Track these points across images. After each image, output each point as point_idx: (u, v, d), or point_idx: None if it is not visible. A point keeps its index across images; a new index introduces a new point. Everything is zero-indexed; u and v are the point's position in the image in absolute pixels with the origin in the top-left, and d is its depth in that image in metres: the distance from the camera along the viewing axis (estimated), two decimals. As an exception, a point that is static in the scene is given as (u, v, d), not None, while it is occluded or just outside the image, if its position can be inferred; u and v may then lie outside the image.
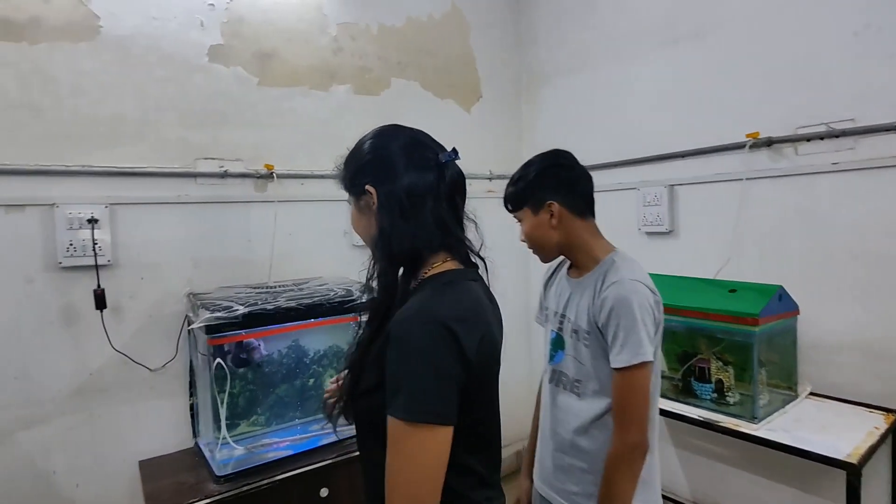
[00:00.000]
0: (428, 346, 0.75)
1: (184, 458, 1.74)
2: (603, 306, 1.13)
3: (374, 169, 0.88)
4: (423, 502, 0.74)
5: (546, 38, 2.67)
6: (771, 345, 1.63)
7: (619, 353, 1.10)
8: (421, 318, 0.77)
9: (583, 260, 1.25)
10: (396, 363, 0.76)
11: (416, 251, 0.86)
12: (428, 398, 0.74)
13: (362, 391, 0.84)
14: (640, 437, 1.10)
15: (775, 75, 1.82)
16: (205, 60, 1.85)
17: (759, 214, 1.88)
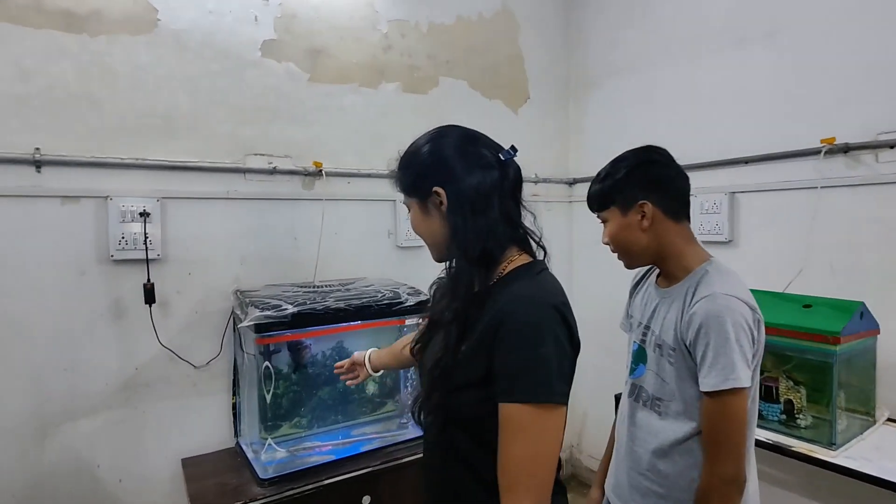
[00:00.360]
0: (550, 328, 0.79)
1: (225, 457, 1.71)
2: (691, 322, 1.03)
3: (440, 170, 0.89)
4: (547, 485, 0.78)
5: (597, 38, 2.59)
6: (850, 366, 1.51)
7: (707, 376, 1.00)
8: (537, 302, 0.81)
9: (673, 268, 1.15)
10: (521, 348, 0.78)
11: (491, 247, 0.87)
12: (554, 379, 0.78)
13: (457, 387, 0.84)
14: (735, 471, 0.99)
15: (854, 78, 1.70)
16: (257, 55, 1.83)
17: (831, 225, 1.77)
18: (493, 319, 0.81)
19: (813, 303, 1.56)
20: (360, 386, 1.79)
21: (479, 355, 0.81)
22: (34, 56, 1.50)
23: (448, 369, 0.84)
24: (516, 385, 0.77)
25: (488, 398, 0.80)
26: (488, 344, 0.80)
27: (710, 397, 1.01)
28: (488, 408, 0.80)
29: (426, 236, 0.94)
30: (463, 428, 0.86)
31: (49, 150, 1.52)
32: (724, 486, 1.00)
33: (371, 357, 1.40)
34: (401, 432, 1.79)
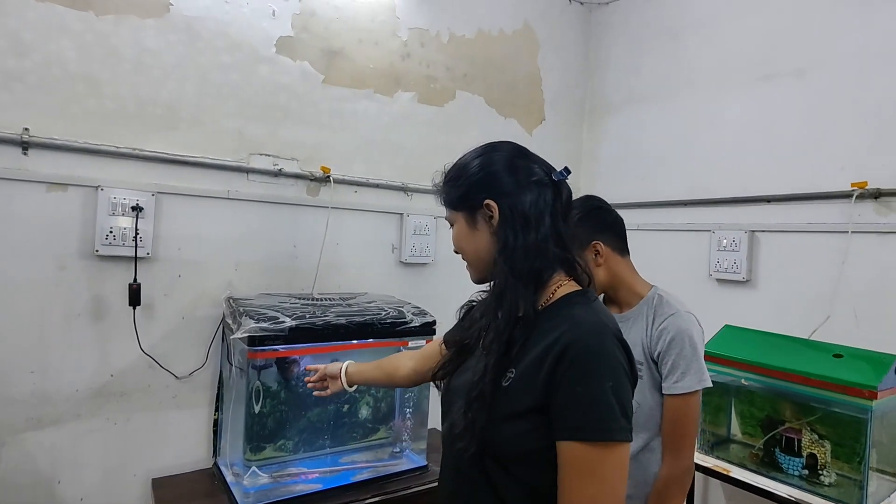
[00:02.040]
0: (619, 358, 0.75)
1: (201, 479, 1.57)
2: (662, 337, 1.19)
3: (494, 182, 0.87)
4: None
5: (617, 64, 2.54)
6: (882, 423, 1.43)
7: (681, 380, 1.16)
8: (601, 331, 0.76)
9: (626, 296, 1.31)
10: (588, 381, 0.73)
11: (539, 267, 0.84)
12: (620, 414, 0.73)
13: (503, 417, 0.78)
14: (692, 460, 1.20)
15: (887, 122, 1.65)
16: (272, 51, 1.74)
17: (857, 272, 1.70)
18: (554, 346, 0.75)
19: (843, 352, 1.48)
20: (352, 409, 1.67)
21: (532, 384, 0.76)
22: (34, 30, 1.39)
23: (490, 396, 0.78)
24: (585, 422, 0.72)
25: (535, 431, 0.75)
26: (547, 373, 0.75)
27: (680, 398, 1.17)
28: (534, 443, 0.76)
29: (469, 252, 0.91)
30: (501, 464, 0.79)
31: (39, 132, 1.40)
32: (684, 476, 1.19)
33: (348, 370, 1.26)
34: (394, 462, 1.67)
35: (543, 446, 0.74)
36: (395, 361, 1.25)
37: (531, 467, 0.77)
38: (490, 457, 0.80)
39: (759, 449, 1.59)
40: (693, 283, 2.15)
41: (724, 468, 1.58)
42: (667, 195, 2.27)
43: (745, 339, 1.69)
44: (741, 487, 1.55)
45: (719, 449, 1.69)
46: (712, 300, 2.09)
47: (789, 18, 1.91)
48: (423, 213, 2.06)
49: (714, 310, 2.03)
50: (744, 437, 1.68)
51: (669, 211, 2.27)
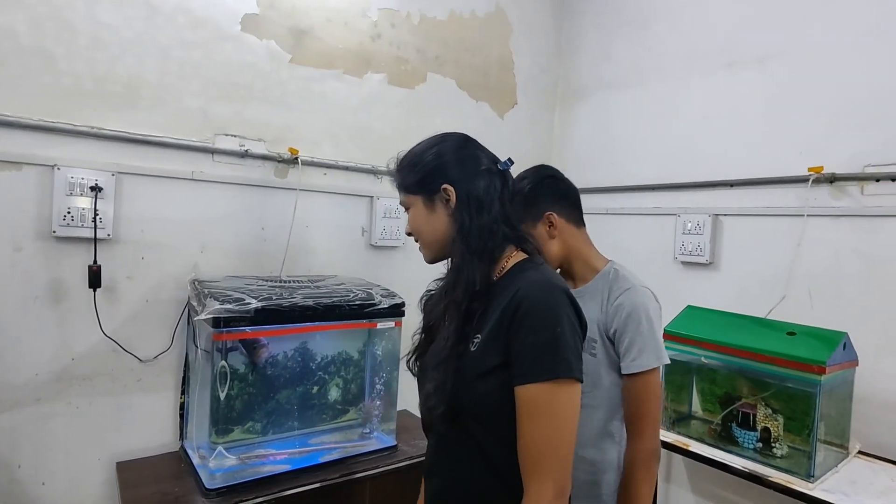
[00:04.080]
0: (565, 309, 0.84)
1: (167, 462, 1.55)
2: (617, 313, 1.13)
3: (451, 169, 0.95)
4: (568, 462, 0.82)
5: (589, 49, 2.56)
6: (831, 397, 1.49)
7: (638, 358, 1.11)
8: (549, 287, 0.86)
9: (581, 270, 1.25)
10: (540, 330, 0.82)
11: (492, 246, 0.93)
12: (573, 356, 0.82)
13: (475, 377, 0.86)
14: (657, 443, 1.13)
15: (844, 109, 1.71)
16: (237, 29, 1.70)
17: (813, 254, 1.76)
18: (509, 306, 0.84)
19: (797, 330, 1.54)
20: (321, 391, 1.67)
21: (496, 343, 0.85)
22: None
23: (456, 359, 0.87)
24: (537, 365, 0.81)
25: (504, 385, 0.83)
26: (505, 328, 0.84)
27: (639, 377, 1.11)
28: (504, 396, 0.83)
29: (426, 234, 0.98)
30: (480, 421, 0.87)
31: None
32: (649, 459, 1.11)
33: None
34: (364, 443, 1.68)
35: (513, 401, 0.83)
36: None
37: (507, 421, 0.83)
38: (470, 417, 0.87)
39: (718, 424, 1.65)
40: (659, 265, 2.20)
41: (684, 443, 1.63)
42: (635, 180, 2.31)
43: (706, 319, 1.74)
44: (700, 461, 1.61)
45: (681, 425, 1.75)
46: (678, 282, 2.14)
47: (752, 7, 1.94)
48: (393, 196, 2.04)
49: (679, 291, 2.09)
50: (704, 413, 1.74)
51: (638, 195, 2.31)
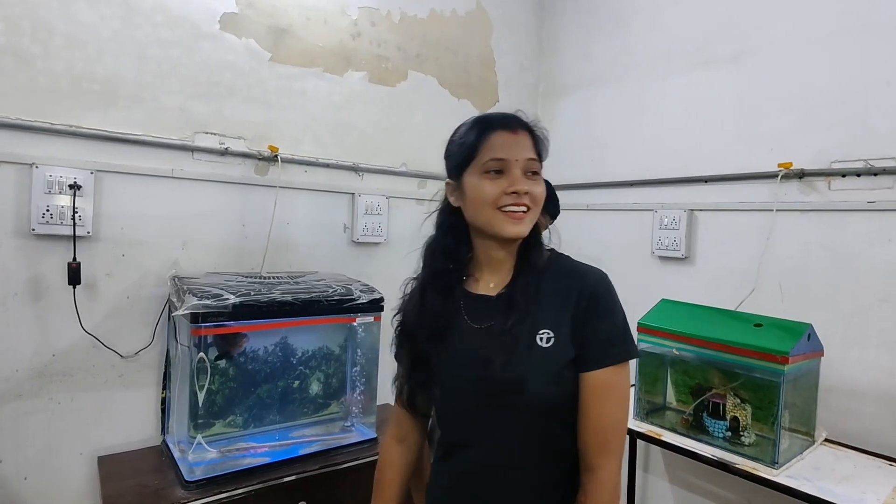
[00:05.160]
0: (617, 296, 0.91)
1: (149, 456, 1.58)
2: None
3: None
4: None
5: (570, 48, 2.59)
6: (795, 386, 1.54)
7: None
8: (603, 274, 0.92)
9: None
10: (611, 316, 0.88)
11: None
12: (630, 339, 0.89)
13: (557, 373, 0.87)
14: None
15: (812, 106, 1.75)
16: (216, 28, 1.71)
17: (782, 248, 1.80)
18: (577, 298, 0.88)
19: (764, 322, 1.58)
20: (302, 385, 1.70)
21: (570, 337, 0.87)
22: (-44, 1, 1.34)
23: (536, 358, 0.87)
24: (611, 350, 0.86)
25: (574, 379, 0.87)
26: (579, 321, 0.87)
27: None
28: (575, 383, 0.87)
29: (540, 204, 0.94)
30: (557, 416, 0.88)
31: (-33, 107, 1.36)
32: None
33: None
34: (344, 436, 1.71)
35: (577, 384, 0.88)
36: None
37: (572, 405, 0.88)
38: (551, 417, 0.88)
39: (690, 414, 1.69)
40: (638, 260, 2.24)
41: (657, 433, 1.67)
42: (615, 176, 2.34)
43: (679, 312, 1.78)
44: (672, 450, 1.65)
45: (655, 416, 1.79)
46: (655, 276, 2.18)
47: (726, 6, 1.98)
48: (374, 193, 2.08)
49: (656, 285, 2.13)
50: (678, 404, 1.78)
51: (617, 191, 2.34)
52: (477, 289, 0.97)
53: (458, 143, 0.95)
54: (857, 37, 1.65)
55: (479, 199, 0.89)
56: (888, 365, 1.58)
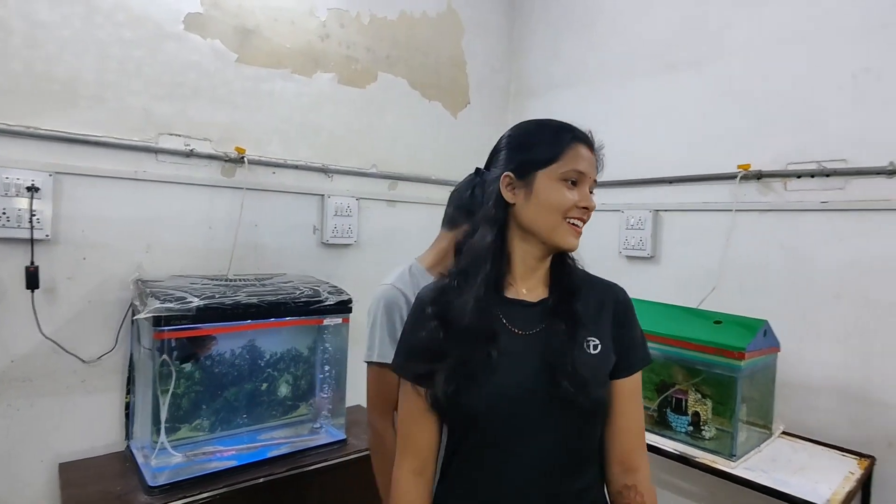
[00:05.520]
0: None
1: (112, 462, 1.55)
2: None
3: None
4: None
5: (540, 49, 2.62)
6: (752, 381, 1.59)
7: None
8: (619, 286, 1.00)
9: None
10: (636, 325, 0.96)
11: None
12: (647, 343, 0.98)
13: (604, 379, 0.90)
14: (373, 426, 1.28)
15: (770, 110, 1.80)
16: (180, 28, 1.70)
17: (743, 247, 1.86)
18: (611, 309, 0.94)
19: (723, 319, 1.63)
20: (271, 388, 1.69)
21: (611, 346, 0.91)
22: None
23: (589, 364, 0.88)
24: (640, 356, 0.94)
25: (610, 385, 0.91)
26: (616, 329, 0.92)
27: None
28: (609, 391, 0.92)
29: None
30: (600, 420, 0.92)
31: (-82, 108, 1.33)
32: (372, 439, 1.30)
33: None
34: (313, 437, 1.70)
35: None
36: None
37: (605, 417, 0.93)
38: (596, 418, 0.91)
39: (654, 410, 1.73)
40: (606, 260, 2.28)
41: (622, 429, 1.71)
42: (583, 177, 2.38)
43: (644, 311, 1.77)
44: (636, 445, 1.69)
45: (621, 412, 1.82)
46: (622, 275, 2.21)
47: (689, 12, 2.03)
48: (344, 195, 2.08)
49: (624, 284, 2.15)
50: (645, 400, 1.82)
51: (585, 192, 2.38)
52: (512, 293, 0.92)
53: (540, 139, 0.92)
54: (811, 43, 1.71)
55: (553, 204, 0.88)
56: (841, 360, 1.64)
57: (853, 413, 1.61)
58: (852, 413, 1.61)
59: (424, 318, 0.90)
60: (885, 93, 1.56)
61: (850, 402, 1.62)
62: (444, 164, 2.36)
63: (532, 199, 0.89)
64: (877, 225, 1.57)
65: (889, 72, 1.55)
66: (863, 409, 1.59)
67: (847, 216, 1.63)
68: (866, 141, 1.59)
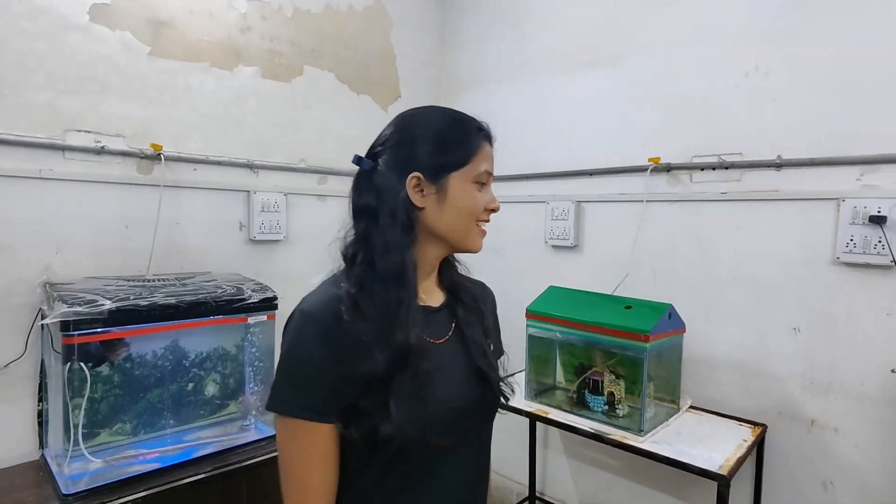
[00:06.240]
0: None
1: (26, 471, 1.50)
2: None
3: None
4: None
5: (470, 45, 2.66)
6: (659, 360, 1.70)
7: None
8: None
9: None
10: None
11: None
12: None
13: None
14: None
15: (677, 106, 1.92)
16: (85, 20, 1.62)
17: (654, 235, 1.98)
18: (492, 305, 1.01)
19: (634, 304, 1.73)
20: (197, 388, 1.67)
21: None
22: None
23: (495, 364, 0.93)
24: (501, 349, 1.02)
25: None
26: (493, 329, 0.98)
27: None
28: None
29: None
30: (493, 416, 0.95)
31: None
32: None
33: None
34: (241, 435, 1.70)
35: None
36: None
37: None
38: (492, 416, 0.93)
39: (574, 392, 1.83)
40: (533, 249, 2.36)
41: (544, 411, 1.80)
42: (512, 170, 2.45)
43: (563, 298, 1.91)
44: (556, 426, 1.78)
45: (545, 395, 1.91)
46: (548, 264, 2.32)
47: (607, 12, 2.11)
48: (271, 190, 2.06)
49: (550, 273, 2.27)
50: (566, 383, 1.92)
51: (514, 184, 2.45)
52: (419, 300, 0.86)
53: (453, 138, 0.85)
54: (709, 43, 1.83)
55: (468, 209, 0.84)
56: (739, 338, 1.78)
57: (749, 386, 1.76)
58: (748, 386, 1.76)
59: (330, 340, 0.75)
60: (774, 90, 1.69)
61: (747, 377, 1.77)
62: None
63: (446, 204, 0.83)
64: (767, 214, 1.71)
65: (776, 70, 1.69)
66: (757, 382, 1.74)
67: (743, 206, 1.77)
68: (758, 135, 1.73)
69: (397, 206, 0.81)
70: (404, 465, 0.80)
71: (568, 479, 2.27)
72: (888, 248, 1.46)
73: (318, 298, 0.80)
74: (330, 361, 0.75)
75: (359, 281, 0.80)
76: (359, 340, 0.75)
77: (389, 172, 0.83)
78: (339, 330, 0.75)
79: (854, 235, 1.53)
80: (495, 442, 0.96)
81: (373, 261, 0.80)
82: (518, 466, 2.39)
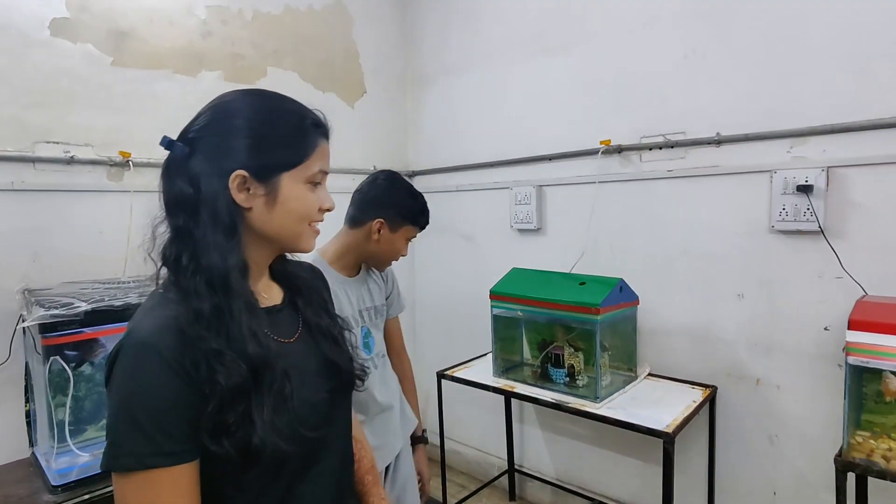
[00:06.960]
0: None
1: (16, 469, 1.58)
2: (387, 277, 1.61)
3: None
4: None
5: (432, 38, 2.73)
6: (613, 331, 1.81)
7: (398, 300, 1.65)
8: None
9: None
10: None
11: None
12: None
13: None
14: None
15: (626, 89, 2.00)
16: (46, 34, 1.68)
17: (609, 214, 2.07)
18: (324, 284, 0.98)
19: (588, 280, 1.83)
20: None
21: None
22: None
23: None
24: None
25: None
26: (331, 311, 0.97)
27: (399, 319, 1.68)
28: None
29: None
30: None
31: None
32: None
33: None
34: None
35: None
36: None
37: None
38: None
39: (538, 366, 1.93)
40: (500, 234, 2.46)
41: (510, 386, 1.90)
42: (477, 158, 2.53)
43: (525, 278, 2.00)
44: (521, 399, 1.89)
45: (512, 372, 2.02)
46: (514, 247, 2.41)
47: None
48: (241, 190, 2.13)
49: (516, 255, 2.36)
50: (532, 359, 2.02)
51: (480, 172, 2.54)
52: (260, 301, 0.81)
53: (284, 135, 0.78)
54: (651, 27, 1.92)
55: (301, 213, 0.78)
56: (689, 306, 1.89)
57: (700, 351, 1.87)
58: (700, 351, 1.87)
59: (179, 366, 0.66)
60: (710, 71, 1.78)
61: (698, 342, 1.88)
62: (344, 153, 2.44)
63: (277, 207, 0.76)
64: (709, 188, 1.81)
65: (712, 52, 1.78)
66: (707, 347, 1.85)
67: (687, 182, 1.86)
68: (699, 114, 1.82)
69: (219, 207, 0.72)
70: (282, 471, 0.75)
71: (544, 451, 2.38)
72: (815, 215, 1.57)
73: (154, 324, 0.68)
74: (183, 391, 0.66)
75: (192, 289, 0.70)
76: (209, 355, 0.67)
77: (206, 163, 0.74)
78: (185, 351, 0.66)
79: (786, 205, 1.63)
80: (474, 419, 1.02)
81: (199, 263, 0.71)
82: (497, 442, 2.50)
